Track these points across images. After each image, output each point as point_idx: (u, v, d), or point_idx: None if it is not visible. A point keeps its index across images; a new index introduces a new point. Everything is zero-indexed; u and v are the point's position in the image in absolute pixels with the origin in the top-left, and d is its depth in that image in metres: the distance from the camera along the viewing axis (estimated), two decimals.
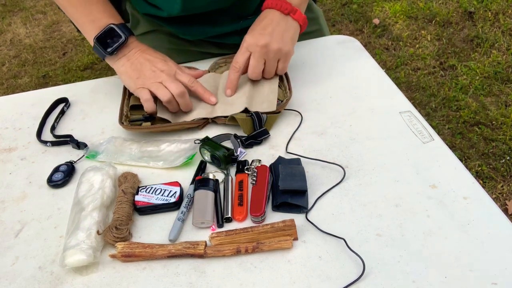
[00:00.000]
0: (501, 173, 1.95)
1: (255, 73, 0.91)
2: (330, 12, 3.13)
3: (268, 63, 0.91)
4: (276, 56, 0.91)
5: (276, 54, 0.90)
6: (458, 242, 0.66)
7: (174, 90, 0.88)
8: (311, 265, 0.65)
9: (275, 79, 0.95)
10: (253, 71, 0.91)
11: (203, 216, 0.72)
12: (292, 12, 0.91)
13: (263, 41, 0.88)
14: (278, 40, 0.89)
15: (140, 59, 0.92)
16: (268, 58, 0.90)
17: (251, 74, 0.92)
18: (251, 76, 0.92)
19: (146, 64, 0.91)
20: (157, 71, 0.90)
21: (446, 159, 0.79)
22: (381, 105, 0.92)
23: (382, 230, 0.69)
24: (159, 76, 0.89)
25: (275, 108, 0.89)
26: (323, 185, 0.77)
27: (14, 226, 0.77)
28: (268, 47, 0.89)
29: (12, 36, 3.39)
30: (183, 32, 1.08)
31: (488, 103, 2.26)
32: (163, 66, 0.91)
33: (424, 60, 2.59)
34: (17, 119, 1.01)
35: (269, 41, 0.88)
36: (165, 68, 0.91)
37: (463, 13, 2.91)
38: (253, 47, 0.90)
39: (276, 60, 0.92)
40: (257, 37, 0.89)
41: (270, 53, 0.90)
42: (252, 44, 0.89)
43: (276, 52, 0.90)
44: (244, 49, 0.91)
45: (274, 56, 0.91)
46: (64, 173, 0.83)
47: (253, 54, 0.90)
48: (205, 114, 0.91)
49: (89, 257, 0.65)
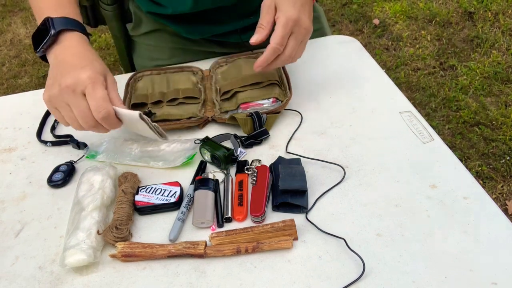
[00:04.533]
0: (501, 173, 1.95)
1: (292, 55, 0.83)
2: (330, 12, 3.13)
3: (302, 46, 0.84)
4: (308, 39, 0.85)
5: (308, 37, 0.84)
6: (458, 242, 0.66)
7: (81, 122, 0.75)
8: (311, 265, 0.65)
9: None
10: (291, 53, 0.82)
11: (203, 216, 0.72)
12: None
13: (307, 22, 0.81)
14: (311, 21, 0.83)
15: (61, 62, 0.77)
16: (303, 41, 0.84)
17: (289, 56, 0.83)
18: (288, 58, 0.83)
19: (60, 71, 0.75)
20: (62, 85, 0.73)
21: (446, 159, 0.79)
22: (381, 105, 0.92)
23: (382, 230, 0.69)
24: (65, 93, 0.73)
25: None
26: (323, 185, 0.77)
27: (14, 226, 0.77)
28: (308, 29, 0.82)
29: (12, 36, 3.39)
30: (186, 31, 1.08)
31: (488, 103, 2.27)
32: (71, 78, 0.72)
33: (424, 60, 2.59)
34: (17, 119, 1.01)
35: (309, 24, 0.82)
36: (71, 82, 0.72)
37: (463, 13, 2.91)
38: (297, 27, 0.80)
39: (306, 43, 0.85)
40: (302, 15, 0.80)
41: (307, 36, 0.84)
42: (297, 23, 0.80)
43: (309, 35, 0.84)
44: (290, 27, 0.80)
45: (307, 39, 0.84)
46: (64, 173, 0.83)
47: (295, 35, 0.81)
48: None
49: (89, 257, 0.65)
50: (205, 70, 1.04)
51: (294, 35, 0.81)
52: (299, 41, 0.82)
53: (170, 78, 1.01)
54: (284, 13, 0.80)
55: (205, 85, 1.00)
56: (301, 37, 0.82)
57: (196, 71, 1.04)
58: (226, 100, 0.95)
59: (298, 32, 0.81)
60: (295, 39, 0.81)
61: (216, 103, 0.94)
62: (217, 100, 0.95)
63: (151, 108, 0.94)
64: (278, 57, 0.83)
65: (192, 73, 1.03)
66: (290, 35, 0.81)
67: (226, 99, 0.95)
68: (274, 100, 0.92)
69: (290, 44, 0.81)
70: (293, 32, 0.81)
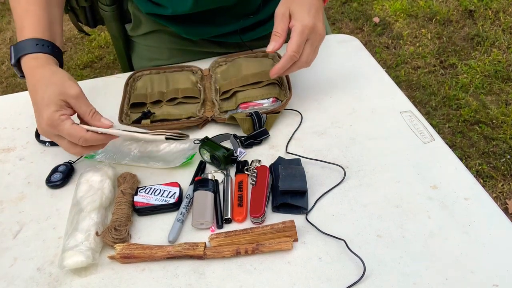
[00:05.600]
0: (501, 172, 1.94)
1: (307, 63, 0.84)
2: (330, 10, 3.12)
3: (316, 51, 0.85)
4: (320, 44, 0.85)
5: (321, 42, 0.85)
6: (459, 244, 0.66)
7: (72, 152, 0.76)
8: (311, 266, 0.65)
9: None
10: (307, 59, 0.83)
11: (203, 217, 0.71)
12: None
13: (322, 29, 0.81)
14: (324, 26, 0.83)
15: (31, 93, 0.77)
16: (317, 47, 0.84)
17: (305, 63, 0.83)
18: (304, 64, 0.84)
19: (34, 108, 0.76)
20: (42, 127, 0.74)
21: (447, 160, 0.79)
22: (382, 105, 0.91)
23: (383, 231, 0.68)
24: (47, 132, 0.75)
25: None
26: (323, 185, 0.76)
27: (13, 227, 0.76)
28: (323, 35, 0.83)
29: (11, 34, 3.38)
30: (186, 31, 1.07)
31: (489, 102, 2.26)
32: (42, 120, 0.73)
33: (425, 58, 2.59)
34: (16, 119, 1.00)
35: (324, 30, 0.82)
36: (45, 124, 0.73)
37: (464, 12, 2.90)
38: (313, 34, 0.81)
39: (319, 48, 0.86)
40: (317, 22, 0.81)
41: (321, 41, 0.84)
42: (313, 30, 0.80)
43: (322, 41, 0.84)
44: (306, 35, 0.80)
45: (320, 44, 0.84)
46: (63, 174, 0.82)
47: (311, 42, 0.82)
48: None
49: (88, 259, 0.65)
50: (205, 70, 1.03)
51: (310, 42, 0.81)
52: (314, 46, 0.83)
53: (169, 78, 1.00)
54: (300, 21, 0.80)
55: (204, 85, 0.99)
56: (317, 43, 0.83)
57: (196, 70, 1.03)
58: (225, 99, 0.95)
59: (314, 39, 0.81)
60: (311, 45, 0.82)
61: (216, 102, 0.94)
62: (216, 99, 0.94)
63: (150, 108, 0.93)
64: (294, 63, 0.83)
65: (192, 72, 1.03)
66: (306, 42, 0.81)
67: (226, 98, 0.95)
68: (274, 100, 0.91)
69: (306, 50, 0.82)
70: (309, 39, 0.81)
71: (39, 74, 0.78)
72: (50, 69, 0.78)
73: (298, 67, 0.84)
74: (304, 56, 0.82)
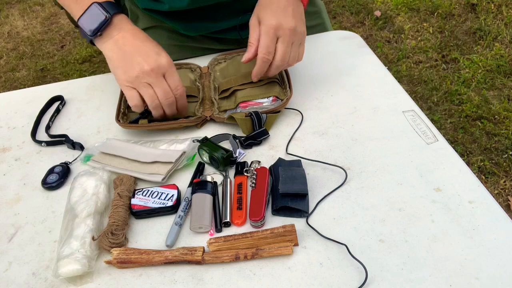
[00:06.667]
0: (503, 168, 1.93)
1: (284, 60, 0.84)
2: (331, 4, 3.09)
3: (294, 48, 0.85)
4: (300, 39, 0.85)
5: (301, 38, 0.85)
6: (464, 249, 0.64)
7: (162, 98, 0.82)
8: (312, 272, 0.64)
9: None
10: (283, 57, 0.83)
11: (201, 221, 0.70)
12: None
13: (292, 23, 0.82)
14: (300, 21, 0.84)
15: (129, 46, 0.82)
16: (295, 43, 0.84)
17: (281, 62, 0.84)
18: (280, 64, 0.84)
19: (136, 55, 0.81)
20: (145, 68, 0.80)
21: (451, 161, 0.77)
22: (384, 104, 0.90)
23: (385, 235, 0.67)
24: (148, 75, 0.81)
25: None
26: (324, 188, 0.75)
27: (8, 230, 0.75)
28: (296, 30, 0.83)
29: (9, 28, 3.36)
30: (183, 27, 1.05)
31: (491, 97, 2.24)
32: (153, 62, 0.81)
33: (426, 53, 2.56)
34: (12, 117, 0.99)
35: (296, 24, 0.82)
36: (155, 65, 0.81)
37: (466, 5, 2.87)
38: (281, 31, 0.82)
39: (299, 43, 0.86)
40: (284, 19, 0.82)
41: (297, 36, 0.84)
42: (279, 27, 0.82)
43: (301, 35, 0.85)
44: (272, 35, 0.82)
45: (299, 40, 0.85)
46: (59, 175, 0.81)
47: (282, 39, 0.82)
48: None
49: (84, 267, 0.63)
50: (204, 67, 1.01)
51: (281, 39, 0.82)
52: (289, 43, 0.83)
53: None
54: (264, 23, 0.82)
55: (203, 83, 0.98)
56: (289, 39, 0.83)
57: (195, 68, 1.01)
58: (225, 98, 0.93)
59: (284, 35, 0.82)
60: (282, 42, 0.82)
61: (215, 101, 0.92)
62: (215, 98, 0.93)
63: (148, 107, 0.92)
64: (271, 64, 0.84)
65: (190, 70, 1.01)
66: (278, 41, 0.82)
67: (225, 97, 0.93)
68: (274, 99, 0.90)
69: (279, 49, 0.83)
70: (280, 37, 0.82)
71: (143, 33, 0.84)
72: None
73: (277, 67, 0.85)
74: (278, 55, 0.83)
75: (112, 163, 0.81)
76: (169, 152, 0.81)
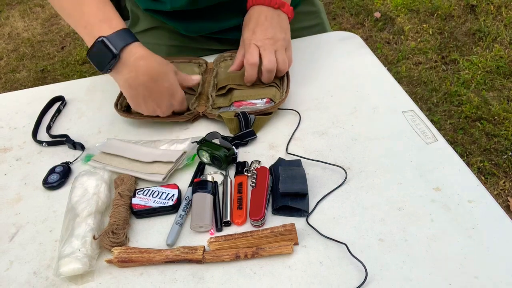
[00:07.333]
0: (503, 169, 1.93)
1: (272, 63, 0.87)
2: (330, 5, 3.10)
3: (279, 54, 0.89)
4: (284, 45, 0.90)
5: (284, 43, 0.90)
6: (463, 248, 0.64)
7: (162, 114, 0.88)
8: (312, 271, 0.64)
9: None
10: (268, 62, 0.87)
11: (202, 220, 0.70)
12: (281, 6, 0.91)
13: (269, 33, 0.88)
14: (279, 30, 0.89)
15: (141, 88, 0.81)
16: (278, 49, 0.89)
17: (269, 65, 0.87)
18: (269, 67, 0.87)
19: (149, 100, 0.83)
20: (157, 112, 0.86)
21: (450, 161, 0.77)
22: (384, 104, 0.90)
23: (385, 234, 0.67)
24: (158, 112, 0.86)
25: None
26: (324, 187, 0.75)
27: (9, 229, 0.75)
28: (275, 38, 0.88)
29: (10, 29, 3.36)
30: (185, 28, 1.06)
31: (490, 98, 2.24)
32: (166, 108, 0.85)
33: (426, 54, 2.57)
34: (13, 118, 0.99)
35: (274, 32, 0.88)
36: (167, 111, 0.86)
37: (465, 6, 2.88)
38: (261, 41, 0.88)
39: (284, 49, 0.90)
40: (260, 32, 0.88)
41: (278, 42, 0.88)
42: (259, 39, 0.88)
43: (283, 41, 0.89)
44: (253, 46, 0.88)
45: (282, 45, 0.89)
46: (60, 175, 0.81)
47: (263, 48, 0.88)
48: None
49: (85, 266, 0.63)
50: (210, 63, 1.02)
51: (262, 48, 0.87)
52: (271, 50, 0.88)
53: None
54: (243, 39, 0.91)
55: (205, 78, 0.98)
56: (270, 47, 0.87)
57: (202, 63, 1.02)
58: (221, 96, 0.94)
59: (264, 45, 0.87)
60: (264, 50, 0.87)
61: (210, 98, 0.92)
62: (211, 95, 0.93)
63: None
64: (262, 71, 0.89)
65: (198, 65, 1.02)
66: (260, 50, 0.87)
67: (222, 95, 0.94)
68: (268, 101, 0.90)
69: (264, 55, 0.87)
70: (260, 46, 0.88)
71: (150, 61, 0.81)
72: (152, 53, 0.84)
73: (267, 70, 0.88)
74: (265, 59, 0.87)
75: (112, 163, 0.81)
76: (169, 152, 0.82)
